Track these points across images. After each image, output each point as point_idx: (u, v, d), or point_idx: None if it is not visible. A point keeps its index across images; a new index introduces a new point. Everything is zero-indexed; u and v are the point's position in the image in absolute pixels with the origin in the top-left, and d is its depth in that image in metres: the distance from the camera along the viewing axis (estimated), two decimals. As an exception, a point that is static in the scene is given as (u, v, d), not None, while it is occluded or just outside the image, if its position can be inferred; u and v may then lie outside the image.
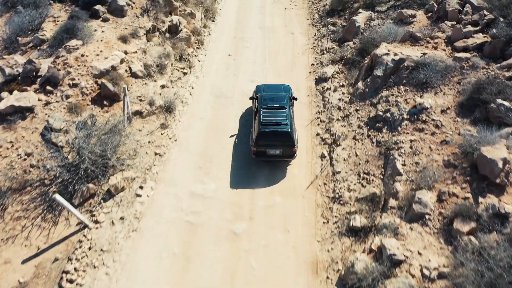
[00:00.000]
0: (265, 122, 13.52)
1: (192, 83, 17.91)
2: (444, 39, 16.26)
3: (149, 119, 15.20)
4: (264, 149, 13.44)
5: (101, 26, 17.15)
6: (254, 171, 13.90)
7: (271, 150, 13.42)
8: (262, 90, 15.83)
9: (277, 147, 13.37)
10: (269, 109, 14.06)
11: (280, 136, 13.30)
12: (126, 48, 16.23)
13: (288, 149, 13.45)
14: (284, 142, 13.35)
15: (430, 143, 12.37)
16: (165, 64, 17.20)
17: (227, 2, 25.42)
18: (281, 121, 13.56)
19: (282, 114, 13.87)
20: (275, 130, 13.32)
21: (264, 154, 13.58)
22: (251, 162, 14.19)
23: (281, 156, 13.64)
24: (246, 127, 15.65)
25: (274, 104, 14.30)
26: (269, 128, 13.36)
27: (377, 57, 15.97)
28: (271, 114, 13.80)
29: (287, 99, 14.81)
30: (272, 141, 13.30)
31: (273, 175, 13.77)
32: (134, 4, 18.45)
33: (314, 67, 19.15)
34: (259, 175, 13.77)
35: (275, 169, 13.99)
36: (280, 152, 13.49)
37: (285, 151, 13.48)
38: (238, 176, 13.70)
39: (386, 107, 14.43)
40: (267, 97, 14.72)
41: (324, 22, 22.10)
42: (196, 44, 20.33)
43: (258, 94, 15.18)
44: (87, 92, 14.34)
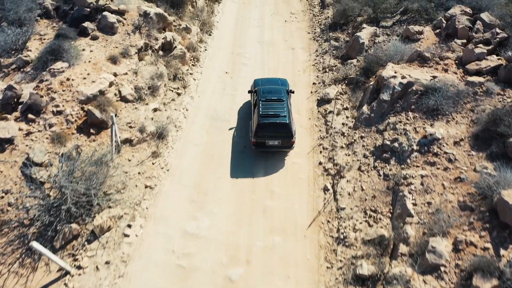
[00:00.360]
0: (264, 114, 14.09)
1: (186, 104, 16.96)
2: (455, 60, 15.33)
3: (139, 147, 14.25)
4: (264, 140, 14.00)
5: (90, 45, 16.20)
6: (251, 206, 12.95)
7: (270, 141, 14.00)
8: (260, 83, 16.33)
9: (276, 138, 13.94)
10: (267, 101, 14.64)
11: (279, 127, 13.87)
12: (115, 70, 15.28)
13: (286, 140, 14.02)
14: (283, 133, 13.90)
15: (443, 180, 11.42)
16: (158, 86, 16.25)
17: (225, 14, 24.49)
18: (279, 113, 14.11)
19: (280, 106, 14.43)
20: (274, 122, 13.90)
21: (264, 145, 14.14)
22: (246, 202, 13.25)
23: (280, 147, 14.21)
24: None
25: (272, 97, 14.85)
26: (268, 120, 13.94)
27: (383, 80, 15.03)
28: (270, 107, 14.39)
29: (285, 92, 15.33)
30: (271, 132, 13.87)
31: (272, 211, 12.82)
32: (125, 20, 17.50)
33: (316, 86, 18.20)
34: (257, 209, 12.82)
35: (275, 200, 13.05)
36: (279, 143, 14.07)
37: (284, 142, 14.06)
38: (234, 216, 12.75)
39: (394, 135, 13.49)
40: (265, 90, 15.25)
41: (326, 36, 21.16)
42: (191, 61, 19.39)
43: (256, 88, 15.72)
44: (72, 119, 13.38)
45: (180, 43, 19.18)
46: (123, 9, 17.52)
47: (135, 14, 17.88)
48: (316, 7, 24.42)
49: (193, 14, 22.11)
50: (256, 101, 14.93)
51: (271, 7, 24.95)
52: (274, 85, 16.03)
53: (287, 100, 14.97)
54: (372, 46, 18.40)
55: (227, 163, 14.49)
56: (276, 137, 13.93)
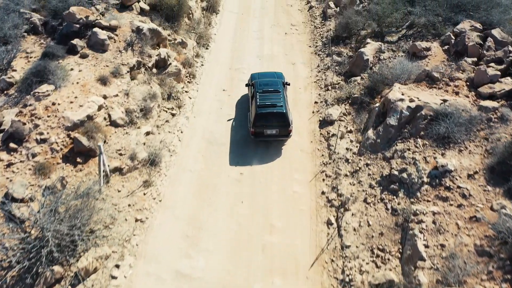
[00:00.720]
0: (261, 104, 14.74)
1: (181, 126, 16.11)
2: (466, 81, 14.50)
3: (130, 176, 13.40)
4: (262, 129, 14.64)
5: (79, 63, 15.37)
6: (249, 242, 12.10)
7: (268, 130, 14.65)
8: (256, 77, 16.95)
9: (274, 127, 14.58)
10: (264, 93, 15.27)
11: (276, 117, 14.51)
12: (105, 92, 14.43)
13: (283, 129, 14.68)
14: (280, 122, 14.55)
15: (457, 218, 10.57)
16: (151, 107, 15.41)
17: (223, 25, 23.66)
18: (276, 103, 14.78)
19: (277, 97, 15.11)
20: (271, 112, 14.54)
21: (262, 135, 14.78)
22: (244, 238, 12.39)
23: (278, 136, 14.85)
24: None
25: (269, 88, 15.49)
26: (265, 110, 14.59)
27: (390, 103, 14.19)
28: (267, 98, 15.05)
29: (281, 84, 16.02)
30: (269, 121, 14.51)
31: (272, 248, 11.96)
32: (117, 36, 16.66)
33: (317, 105, 17.35)
34: (255, 246, 11.97)
35: (275, 235, 12.19)
36: (276, 132, 14.70)
37: (281, 131, 14.71)
38: (230, 254, 11.90)
39: (402, 164, 12.64)
40: (262, 83, 15.91)
41: (328, 50, 20.33)
42: (187, 78, 18.55)
43: (253, 81, 16.35)
44: (57, 148, 12.53)
45: (175, 59, 18.35)
46: (115, 25, 16.68)
47: (127, 30, 17.04)
48: (317, 18, 23.60)
49: (190, 26, 21.29)
50: (254, 93, 15.52)
51: (271, 18, 24.12)
52: (270, 78, 16.69)
53: (283, 92, 15.57)
54: (377, 63, 17.56)
55: (223, 192, 13.63)
56: (274, 126, 14.57)
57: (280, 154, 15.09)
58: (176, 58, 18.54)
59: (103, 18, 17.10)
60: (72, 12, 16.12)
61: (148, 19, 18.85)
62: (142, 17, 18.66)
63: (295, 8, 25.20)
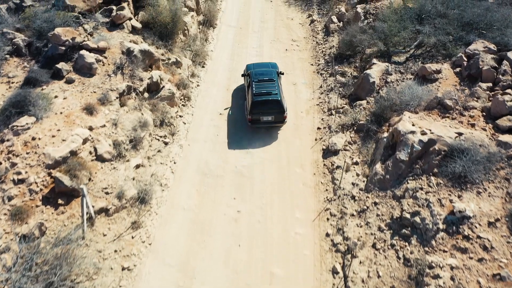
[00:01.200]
0: (257, 93, 15.58)
1: (174, 156, 15.07)
2: (482, 111, 13.48)
3: (117, 217, 12.35)
4: (258, 116, 15.41)
5: (64, 90, 14.35)
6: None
7: (264, 117, 15.44)
8: (252, 67, 17.75)
9: (269, 114, 15.37)
10: (260, 82, 16.07)
11: (272, 104, 15.30)
12: (91, 122, 13.40)
13: (279, 115, 15.49)
14: (275, 109, 15.34)
15: (478, 275, 9.53)
16: (141, 137, 14.39)
17: (220, 41, 22.63)
18: (271, 91, 15.63)
19: (272, 85, 15.95)
20: (267, 99, 15.35)
21: (258, 121, 15.57)
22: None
23: (273, 122, 15.66)
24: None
25: (264, 77, 16.30)
26: (261, 98, 15.40)
27: (399, 135, 13.15)
28: (262, 86, 15.85)
29: (275, 73, 16.85)
30: (265, 109, 15.27)
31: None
32: (106, 59, 15.64)
33: (321, 132, 16.31)
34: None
35: (275, 286, 11.14)
36: (272, 119, 15.50)
37: (277, 117, 15.51)
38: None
39: (414, 206, 11.59)
40: (258, 73, 16.73)
41: (331, 69, 19.31)
42: (181, 101, 17.52)
43: (249, 71, 17.18)
44: (36, 189, 11.49)
45: (169, 80, 17.32)
46: (103, 47, 15.65)
47: (117, 52, 16.02)
48: (319, 33, 22.58)
49: (185, 44, 20.27)
50: (250, 82, 16.37)
51: (271, 32, 23.12)
52: (265, 68, 17.47)
53: (277, 80, 16.42)
54: (383, 86, 16.53)
55: (219, 233, 12.58)
56: (269, 113, 15.36)
57: (281, 188, 14.04)
58: (170, 79, 17.51)
59: (91, 39, 16.08)
60: (57, 33, 15.09)
61: (140, 37, 17.84)
62: (134, 35, 17.64)
63: (296, 21, 24.20)
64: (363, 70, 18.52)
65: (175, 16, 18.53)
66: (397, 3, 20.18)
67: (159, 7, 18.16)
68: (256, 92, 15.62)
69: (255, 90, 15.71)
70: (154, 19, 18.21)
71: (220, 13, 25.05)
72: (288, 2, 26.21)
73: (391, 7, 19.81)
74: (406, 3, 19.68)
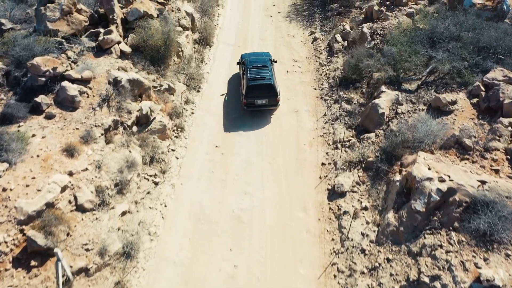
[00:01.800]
0: (252, 78, 16.66)
1: (165, 197, 13.81)
2: (505, 153, 12.26)
3: (99, 277, 11.06)
4: (253, 100, 16.52)
5: (43, 126, 13.08)
6: None
7: (259, 100, 16.55)
8: (246, 56, 18.87)
9: (263, 97, 16.51)
10: (254, 68, 17.22)
11: (265, 88, 16.45)
12: (72, 166, 12.11)
13: (272, 98, 16.65)
14: (269, 93, 16.49)
15: None
16: (128, 180, 13.10)
17: (217, 61, 21.35)
18: (265, 76, 16.75)
19: (265, 71, 17.08)
20: (261, 84, 16.46)
21: (253, 105, 16.67)
22: None
23: (267, 105, 16.84)
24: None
25: (258, 64, 17.45)
26: (256, 82, 16.49)
27: (414, 180, 11.87)
28: (257, 72, 16.98)
29: (268, 61, 18.10)
30: (259, 92, 16.38)
31: None
32: (90, 90, 14.37)
33: (325, 169, 15.03)
34: None
35: None
36: (266, 102, 16.66)
37: (270, 100, 16.67)
38: None
39: (433, 268, 10.30)
40: (252, 60, 17.89)
41: (336, 95, 18.03)
42: (174, 132, 16.25)
43: (244, 59, 18.37)
44: (6, 249, 10.21)
45: (161, 110, 16.06)
46: (88, 77, 14.38)
47: (103, 81, 14.75)
48: (322, 53, 21.31)
49: (179, 66, 19.00)
50: (245, 69, 17.44)
51: (271, 51, 21.81)
52: (259, 56, 18.59)
53: (270, 67, 17.63)
54: (394, 117, 15.26)
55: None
56: (263, 97, 16.48)
57: (283, 237, 12.75)
58: (162, 108, 16.24)
59: (75, 67, 14.80)
60: (37, 64, 13.82)
61: (130, 63, 16.57)
62: (123, 61, 16.37)
63: (298, 39, 22.92)
64: (370, 96, 17.27)
65: (168, 39, 17.25)
66: (406, 23, 18.92)
67: (150, 30, 16.88)
68: (251, 78, 16.74)
69: (250, 75, 16.84)
70: (145, 42, 16.94)
71: (217, 29, 23.78)
72: (289, 17, 24.96)
73: (400, 27, 18.55)
74: (416, 24, 18.41)
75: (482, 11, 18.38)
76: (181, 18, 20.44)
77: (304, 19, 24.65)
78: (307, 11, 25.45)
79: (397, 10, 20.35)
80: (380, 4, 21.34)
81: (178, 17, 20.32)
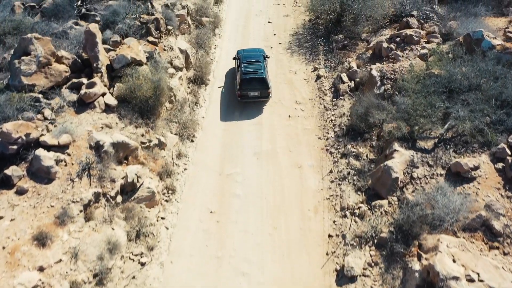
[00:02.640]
0: (245, 72, 18.33)
1: (152, 281, 12.31)
2: (541, 242, 10.66)
3: None
4: (246, 92, 18.12)
5: (13, 205, 11.60)
6: None
7: (251, 92, 18.17)
8: (242, 52, 20.32)
9: (256, 90, 18.09)
10: (248, 63, 18.85)
11: (258, 81, 18.03)
12: (43, 259, 10.62)
13: (264, 91, 18.26)
14: (261, 86, 18.06)
15: None
16: (109, 268, 11.56)
17: (212, 103, 19.75)
18: (257, 70, 18.40)
19: (258, 66, 18.70)
20: (254, 77, 18.05)
21: (247, 96, 18.32)
22: None
23: (259, 97, 18.45)
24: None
25: (252, 59, 19.06)
26: (249, 76, 18.10)
27: (438, 277, 10.35)
28: (250, 66, 18.62)
29: (262, 57, 19.65)
30: (252, 85, 17.97)
31: None
32: (69, 157, 12.89)
33: (333, 242, 13.52)
34: None
35: None
36: (258, 94, 18.26)
37: (262, 93, 18.28)
38: None
39: None
40: (246, 56, 19.52)
41: (342, 147, 16.53)
42: (164, 196, 14.75)
43: (239, 55, 19.88)
44: None
45: (150, 170, 14.61)
46: (66, 142, 12.91)
47: (84, 146, 13.26)
48: (327, 94, 19.78)
49: (171, 113, 17.51)
50: (239, 64, 19.13)
51: (271, 92, 20.28)
52: (253, 52, 20.14)
53: (263, 62, 19.26)
54: (409, 183, 13.75)
55: None
56: (256, 89, 18.10)
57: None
58: (152, 168, 14.75)
59: (52, 129, 13.31)
60: (7, 131, 12.31)
61: (116, 117, 15.11)
62: (107, 115, 14.93)
63: (300, 76, 21.39)
64: (381, 151, 15.79)
65: (158, 88, 15.76)
66: (419, 66, 17.43)
67: (139, 79, 15.39)
68: (245, 71, 18.46)
69: (244, 69, 18.59)
70: (133, 93, 15.43)
71: (214, 64, 22.24)
72: (290, 49, 23.42)
73: (412, 71, 17.08)
74: (430, 68, 16.91)
75: (503, 54, 16.86)
76: (173, 58, 18.94)
77: (306, 52, 23.12)
78: (309, 42, 23.92)
79: (408, 49, 18.83)
80: (389, 40, 19.82)
81: (170, 57, 18.84)
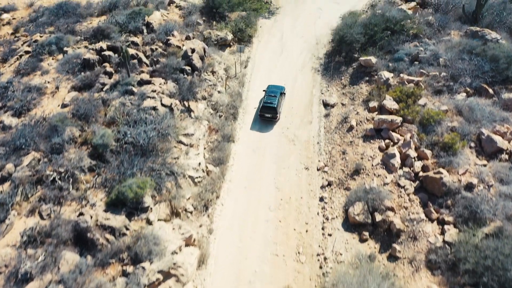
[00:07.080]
0: (265, 101, 28.23)
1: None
2: None
3: None
4: (264, 113, 27.98)
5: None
6: None
7: (266, 114, 27.93)
8: (270, 87, 29.68)
9: (269, 113, 27.90)
10: (268, 96, 28.57)
11: (271, 109, 27.80)
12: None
13: (274, 114, 27.90)
14: (272, 111, 27.80)
15: None
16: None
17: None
18: (272, 101, 28.09)
19: (274, 99, 28.20)
20: (268, 106, 27.89)
21: (264, 116, 28.13)
22: None
23: (271, 118, 28.04)
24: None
25: (271, 94, 28.74)
26: (266, 104, 28.01)
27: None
28: (269, 98, 28.24)
29: (279, 93, 28.89)
30: (267, 110, 27.86)
31: None
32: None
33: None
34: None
35: None
36: (271, 116, 27.97)
37: (273, 116, 27.98)
38: None
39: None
40: (269, 90, 29.19)
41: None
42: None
43: (266, 89, 29.70)
44: None
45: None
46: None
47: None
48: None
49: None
50: (264, 95, 28.79)
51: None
52: (276, 89, 29.11)
53: (278, 96, 28.24)
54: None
55: None
56: (269, 112, 27.67)
57: None
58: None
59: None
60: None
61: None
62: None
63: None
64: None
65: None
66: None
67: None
68: (265, 102, 27.69)
69: (264, 100, 27.84)
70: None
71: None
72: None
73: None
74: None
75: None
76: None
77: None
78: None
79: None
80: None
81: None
